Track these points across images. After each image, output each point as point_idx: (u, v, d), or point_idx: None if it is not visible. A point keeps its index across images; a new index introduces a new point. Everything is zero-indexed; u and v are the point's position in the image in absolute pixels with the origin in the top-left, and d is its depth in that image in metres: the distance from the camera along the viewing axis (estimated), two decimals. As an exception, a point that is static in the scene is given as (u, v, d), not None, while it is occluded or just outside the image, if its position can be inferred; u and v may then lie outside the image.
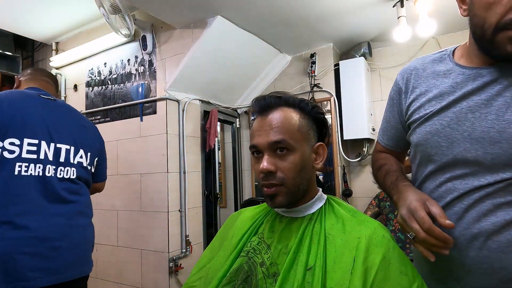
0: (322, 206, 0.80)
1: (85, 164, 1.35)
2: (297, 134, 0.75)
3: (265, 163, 0.73)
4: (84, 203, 1.33)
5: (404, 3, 2.10)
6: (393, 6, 2.16)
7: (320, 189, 0.84)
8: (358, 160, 2.79)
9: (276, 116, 0.75)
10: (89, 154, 1.37)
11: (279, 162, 0.74)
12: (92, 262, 1.34)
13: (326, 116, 0.89)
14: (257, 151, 0.77)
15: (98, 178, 1.53)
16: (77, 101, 2.86)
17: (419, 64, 0.81)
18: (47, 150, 1.22)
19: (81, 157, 1.33)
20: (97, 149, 1.45)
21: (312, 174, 0.80)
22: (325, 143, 0.82)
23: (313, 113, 0.80)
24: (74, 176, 1.28)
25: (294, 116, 0.76)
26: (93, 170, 1.43)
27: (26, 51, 3.25)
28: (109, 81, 2.67)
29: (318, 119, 0.81)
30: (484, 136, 0.65)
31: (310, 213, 0.78)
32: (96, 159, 1.45)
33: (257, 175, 0.77)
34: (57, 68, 2.98)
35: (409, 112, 0.81)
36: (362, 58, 2.68)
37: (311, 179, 0.79)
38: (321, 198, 0.82)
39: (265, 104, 0.78)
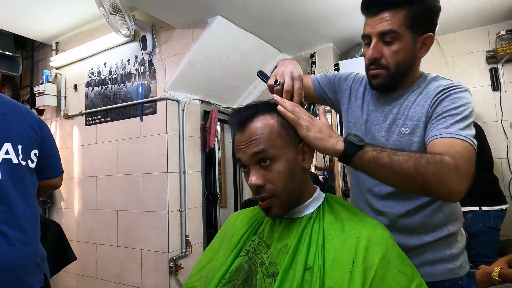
0: (320, 205, 0.80)
1: (16, 161, 1.06)
2: (277, 141, 0.73)
3: (253, 178, 0.73)
4: (17, 215, 1.03)
5: (404, 3, 2.11)
6: (393, 6, 2.16)
7: (318, 188, 0.84)
8: (358, 160, 2.79)
9: (253, 127, 0.73)
10: (20, 146, 1.07)
11: (266, 173, 0.73)
12: (32, 282, 1.06)
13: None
14: (244, 166, 0.76)
15: (48, 173, 1.24)
16: (77, 101, 2.86)
17: (356, 83, 1.03)
18: None
19: (6, 152, 1.04)
20: (31, 138, 1.13)
21: (304, 175, 0.79)
22: None
23: None
24: None
25: (271, 122, 0.74)
26: (32, 165, 1.12)
27: (26, 51, 3.25)
28: (109, 81, 2.67)
29: None
30: (378, 142, 0.90)
31: (309, 213, 0.78)
32: (35, 151, 1.14)
33: (252, 191, 0.77)
34: (57, 68, 2.98)
35: (340, 110, 1.07)
36: (362, 58, 2.67)
37: (304, 181, 0.78)
38: (319, 197, 0.82)
39: (241, 119, 0.76)
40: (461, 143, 0.73)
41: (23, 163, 1.09)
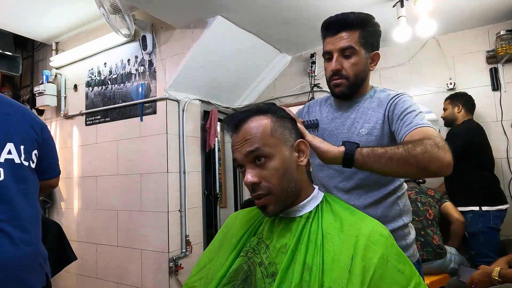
0: (318, 204, 0.80)
1: (18, 161, 1.07)
2: (271, 139, 0.75)
3: (248, 176, 0.74)
4: (19, 215, 1.04)
5: (404, 3, 2.10)
6: (393, 6, 2.15)
7: (317, 187, 0.85)
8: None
9: (247, 128, 0.76)
10: (22, 147, 1.09)
11: (261, 171, 0.75)
12: (34, 282, 1.07)
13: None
14: (240, 166, 0.78)
15: (47, 174, 1.26)
16: (77, 101, 2.86)
17: (312, 106, 1.21)
18: None
19: (9, 152, 1.05)
20: (32, 138, 1.14)
21: (300, 173, 0.79)
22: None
23: (285, 116, 0.81)
24: (1, 178, 1.01)
25: (264, 122, 0.76)
26: (32, 165, 1.14)
27: (26, 51, 3.25)
28: (109, 81, 2.67)
29: (292, 119, 0.83)
30: (340, 141, 0.99)
31: (307, 212, 0.78)
32: (35, 151, 1.15)
33: (248, 189, 0.78)
34: (57, 68, 2.98)
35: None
36: (362, 58, 2.68)
37: (301, 179, 0.79)
38: (317, 196, 0.82)
39: (236, 121, 0.78)
40: (429, 128, 0.88)
41: (26, 163, 1.10)
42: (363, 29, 1.00)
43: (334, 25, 1.02)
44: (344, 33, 0.99)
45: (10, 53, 2.91)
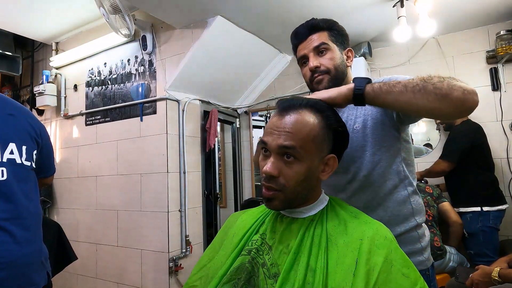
0: (324, 208, 0.80)
1: (19, 161, 1.09)
2: (310, 145, 0.73)
3: (269, 166, 0.72)
4: (22, 213, 1.06)
5: (404, 3, 2.10)
6: (393, 6, 2.16)
7: (323, 191, 0.84)
8: (358, 160, 2.78)
9: (293, 119, 0.73)
10: (24, 147, 1.11)
11: (284, 168, 0.73)
12: (37, 280, 1.10)
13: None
14: (265, 149, 0.76)
15: (45, 173, 1.30)
16: (77, 101, 2.86)
17: None
18: None
19: (11, 152, 1.07)
20: (33, 139, 1.17)
21: (316, 183, 0.78)
22: (339, 155, 0.80)
23: (334, 125, 0.77)
24: (4, 178, 1.03)
25: (312, 122, 0.74)
26: (33, 165, 1.16)
27: (26, 51, 3.25)
28: (109, 81, 2.67)
29: (339, 132, 0.79)
30: None
31: (312, 215, 0.78)
32: (35, 151, 1.17)
33: (261, 171, 0.76)
34: (57, 68, 2.98)
35: None
36: (362, 58, 2.68)
37: (314, 188, 0.79)
38: (323, 200, 0.82)
39: (287, 104, 0.76)
40: None
41: (27, 163, 1.12)
42: (330, 30, 1.04)
43: (303, 30, 1.05)
44: (313, 36, 1.03)
45: (10, 53, 2.91)
